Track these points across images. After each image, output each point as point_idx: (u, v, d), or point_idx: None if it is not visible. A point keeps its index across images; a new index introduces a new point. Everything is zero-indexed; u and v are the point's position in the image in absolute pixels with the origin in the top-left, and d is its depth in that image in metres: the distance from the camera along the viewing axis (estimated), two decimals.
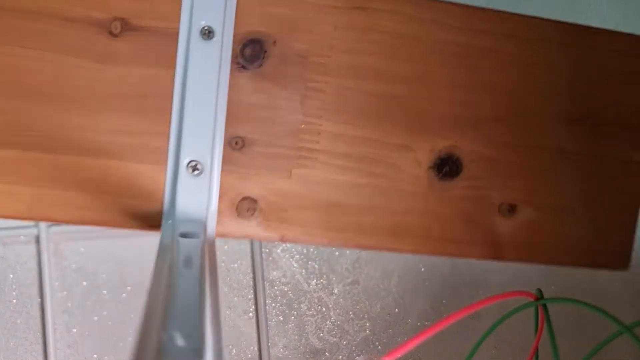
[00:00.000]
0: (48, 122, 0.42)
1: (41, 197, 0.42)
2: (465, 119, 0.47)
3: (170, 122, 0.43)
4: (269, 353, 1.02)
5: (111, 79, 0.42)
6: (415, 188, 0.48)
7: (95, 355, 0.98)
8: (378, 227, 0.47)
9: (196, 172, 0.42)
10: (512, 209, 0.49)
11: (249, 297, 1.03)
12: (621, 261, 0.53)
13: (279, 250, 1.04)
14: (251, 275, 1.02)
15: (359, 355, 1.08)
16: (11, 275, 0.96)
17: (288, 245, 1.04)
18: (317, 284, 1.05)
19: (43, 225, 0.93)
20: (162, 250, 0.39)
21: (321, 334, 1.06)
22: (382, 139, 0.47)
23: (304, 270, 1.04)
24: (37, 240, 0.95)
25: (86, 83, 0.42)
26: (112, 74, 0.42)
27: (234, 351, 1.03)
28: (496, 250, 0.50)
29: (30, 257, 0.96)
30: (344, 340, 1.07)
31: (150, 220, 0.44)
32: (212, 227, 0.43)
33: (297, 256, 1.04)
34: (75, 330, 0.97)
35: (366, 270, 1.06)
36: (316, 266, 1.05)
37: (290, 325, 1.05)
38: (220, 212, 0.44)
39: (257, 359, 1.03)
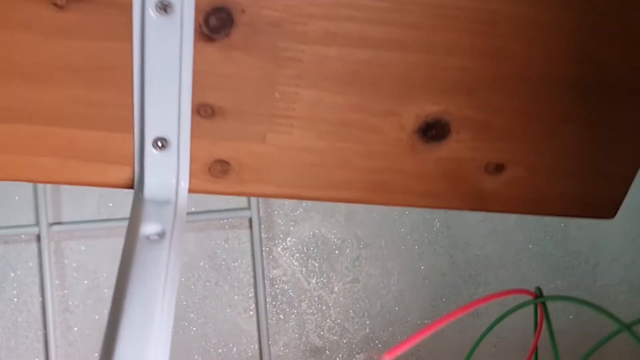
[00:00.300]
0: (12, 95, 0.41)
1: (12, 161, 0.42)
2: (461, 85, 0.45)
3: (132, 95, 0.41)
4: (269, 351, 1.02)
5: (63, 52, 0.40)
6: (396, 150, 0.46)
7: (96, 354, 0.98)
8: (354, 184, 0.47)
9: (162, 147, 0.41)
10: (499, 168, 0.48)
11: (250, 295, 1.03)
12: (608, 212, 0.53)
13: (279, 249, 1.04)
14: (251, 273, 1.02)
15: (359, 354, 1.08)
16: (12, 274, 0.96)
17: (289, 243, 1.04)
18: (317, 282, 1.05)
19: (44, 224, 0.93)
20: (132, 221, 0.39)
21: (321, 332, 1.06)
22: (366, 105, 0.45)
23: (304, 269, 1.05)
24: (38, 238, 0.95)
25: (37, 57, 0.40)
26: (63, 47, 0.40)
27: (235, 349, 1.03)
28: (480, 202, 0.49)
29: (31, 255, 0.96)
30: (344, 339, 1.07)
31: (123, 182, 0.43)
32: (183, 197, 0.42)
33: (298, 254, 1.04)
34: (75, 328, 0.98)
35: (366, 268, 1.06)
36: (316, 264, 1.05)
37: (290, 324, 1.05)
38: (193, 173, 0.43)
39: (257, 357, 1.04)
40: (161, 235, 0.38)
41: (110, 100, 0.41)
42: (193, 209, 1.00)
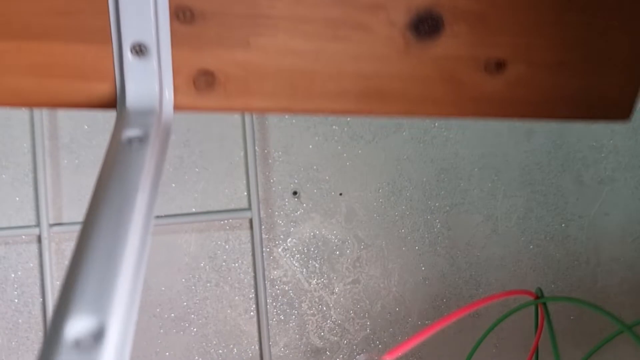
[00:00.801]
0: None
1: None
2: None
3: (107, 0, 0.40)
4: (270, 352, 1.02)
5: None
6: (390, 50, 0.43)
7: None
8: (347, 91, 0.44)
9: (141, 54, 0.40)
10: (500, 65, 0.45)
11: (250, 296, 1.03)
12: (622, 111, 0.48)
13: (279, 250, 1.04)
14: (252, 274, 1.02)
15: (359, 354, 1.08)
16: (13, 275, 0.96)
17: (289, 244, 1.04)
18: (317, 283, 1.05)
19: (44, 225, 0.93)
20: (114, 131, 0.38)
21: (322, 333, 1.06)
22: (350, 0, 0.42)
23: (304, 270, 1.05)
24: (39, 239, 0.95)
25: None
26: None
27: (235, 350, 1.03)
28: (482, 108, 0.46)
29: (32, 256, 0.96)
30: (345, 340, 1.07)
31: (105, 100, 0.41)
32: (168, 110, 0.41)
33: (298, 255, 1.04)
34: None
35: (366, 269, 1.06)
36: (317, 265, 1.05)
37: (291, 325, 1.05)
38: (177, 88, 0.42)
39: (258, 358, 1.04)
40: (142, 139, 0.37)
41: (86, 7, 0.40)
42: (193, 209, 1.00)
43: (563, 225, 1.12)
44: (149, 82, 0.40)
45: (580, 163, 1.12)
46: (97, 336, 0.25)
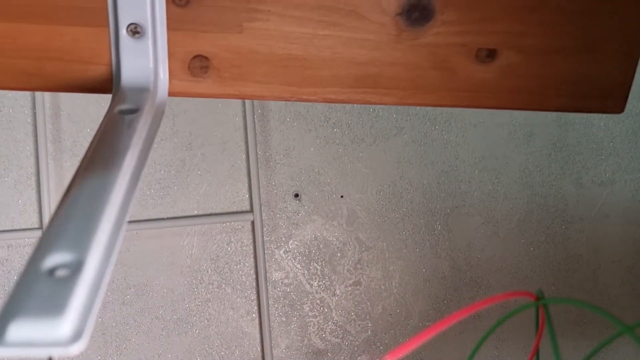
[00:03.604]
0: None
1: None
2: None
3: None
4: (271, 353, 1.03)
5: None
6: (382, 37, 0.44)
7: (99, 357, 0.99)
8: (341, 79, 0.44)
9: (137, 35, 0.40)
10: (491, 54, 0.45)
11: (252, 298, 1.03)
12: (616, 104, 0.48)
13: (281, 252, 1.04)
14: (254, 276, 1.03)
15: (361, 356, 1.08)
16: (15, 278, 0.97)
17: (291, 246, 1.04)
18: (319, 285, 1.05)
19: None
20: (109, 109, 0.38)
21: (323, 335, 1.06)
22: None
23: (306, 272, 1.05)
24: None
25: None
26: None
27: (237, 352, 1.04)
28: (474, 97, 0.46)
29: None
30: (346, 341, 1.07)
31: (101, 83, 0.42)
32: (162, 91, 0.42)
33: (300, 257, 1.05)
34: None
35: (368, 271, 1.07)
36: (318, 267, 1.05)
37: (292, 326, 1.05)
38: (171, 72, 0.42)
39: (260, 359, 1.04)
40: (135, 111, 0.38)
41: None
42: (196, 212, 1.00)
43: (563, 227, 1.12)
44: (144, 62, 0.41)
45: (580, 165, 1.12)
46: (74, 270, 0.26)
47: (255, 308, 1.03)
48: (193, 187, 1.01)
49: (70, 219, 0.29)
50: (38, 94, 0.94)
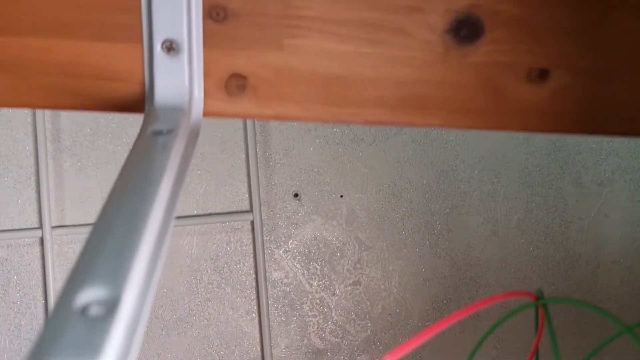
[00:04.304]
0: (8, 4, 0.38)
1: (13, 84, 0.39)
2: None
3: None
4: (271, 353, 1.03)
5: None
6: (428, 55, 0.42)
7: None
8: (385, 99, 0.42)
9: (172, 52, 0.39)
10: (543, 74, 0.43)
11: (252, 297, 1.03)
12: None
13: (281, 252, 1.04)
14: (254, 276, 1.03)
15: (360, 356, 1.08)
16: (15, 277, 0.97)
17: (290, 246, 1.04)
18: (318, 285, 1.05)
19: (47, 227, 0.94)
20: (142, 128, 0.37)
21: (323, 335, 1.07)
22: (387, 1, 0.41)
23: (305, 271, 1.05)
24: (41, 242, 0.95)
25: None
26: None
27: (237, 352, 1.04)
28: (525, 120, 0.44)
29: (34, 258, 0.96)
30: (346, 341, 1.07)
31: (132, 102, 0.40)
32: (197, 111, 0.40)
33: (299, 257, 1.05)
34: None
35: (367, 270, 1.07)
36: (318, 267, 1.05)
37: (292, 326, 1.05)
38: (207, 91, 0.41)
39: (259, 359, 1.04)
40: (170, 132, 0.36)
41: (115, 4, 0.39)
42: (195, 212, 1.00)
43: (563, 227, 1.12)
44: (179, 80, 0.39)
45: (580, 165, 1.12)
46: (110, 307, 0.24)
47: (255, 308, 1.03)
48: (193, 186, 1.00)
49: (103, 252, 0.26)
50: None
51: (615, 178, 1.13)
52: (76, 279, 0.25)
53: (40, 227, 0.95)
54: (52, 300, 0.95)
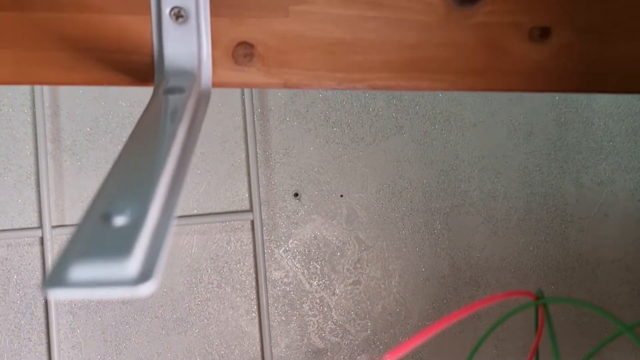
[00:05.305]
0: None
1: (23, 59, 0.40)
2: None
3: None
4: (271, 353, 1.03)
5: None
6: (431, 18, 0.42)
7: (99, 356, 0.99)
8: (390, 64, 0.43)
9: (180, 19, 0.39)
10: (544, 33, 0.43)
11: (252, 297, 1.03)
12: None
13: (281, 251, 1.04)
14: (254, 275, 1.03)
15: (360, 355, 1.08)
16: (15, 277, 0.97)
17: (290, 246, 1.04)
18: (318, 284, 1.05)
19: (47, 227, 0.94)
20: (152, 104, 0.37)
21: (323, 334, 1.07)
22: None
23: (305, 271, 1.05)
24: (41, 242, 0.95)
25: None
26: None
27: (237, 351, 1.04)
28: (528, 80, 0.44)
29: (34, 258, 0.96)
30: (346, 340, 1.07)
31: (141, 74, 0.41)
32: (206, 77, 0.41)
33: (299, 257, 1.05)
34: (79, 330, 0.98)
35: (367, 270, 1.07)
36: (318, 267, 1.05)
37: (292, 325, 1.05)
38: (215, 61, 0.41)
39: (259, 358, 1.04)
40: (180, 91, 0.37)
41: None
42: (195, 211, 1.00)
43: (563, 226, 1.12)
44: (187, 47, 0.40)
45: (580, 165, 1.12)
46: (135, 219, 0.24)
47: (255, 307, 1.03)
48: (192, 186, 1.00)
49: (126, 181, 0.27)
50: (37, 93, 0.94)
51: (615, 178, 1.13)
52: (103, 197, 0.26)
53: (40, 226, 0.95)
54: (52, 300, 0.95)
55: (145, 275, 0.22)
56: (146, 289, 0.22)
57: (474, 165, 1.08)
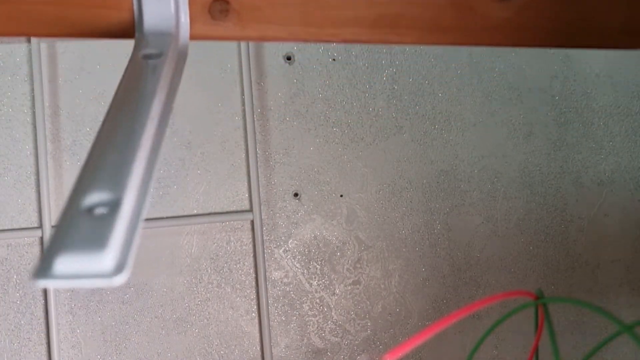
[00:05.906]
0: None
1: (12, 14, 0.41)
2: None
3: None
4: (271, 353, 1.03)
5: None
6: None
7: (99, 356, 0.99)
8: (361, 19, 0.44)
9: None
10: None
11: (252, 297, 1.03)
12: (631, 41, 0.46)
13: (281, 251, 1.04)
14: (253, 275, 1.03)
15: (360, 355, 1.08)
16: (15, 277, 0.97)
17: (290, 246, 1.04)
18: (318, 284, 1.05)
19: (47, 227, 0.94)
20: (131, 67, 0.39)
21: (323, 334, 1.07)
22: None
23: (305, 271, 1.05)
24: (41, 241, 0.95)
25: None
26: None
27: (236, 351, 1.04)
28: (492, 36, 0.46)
29: (34, 258, 0.96)
30: (346, 340, 1.07)
31: (123, 30, 0.42)
32: (184, 36, 0.43)
33: (299, 257, 1.05)
34: (78, 330, 0.98)
35: (367, 270, 1.07)
36: (318, 266, 1.05)
37: (292, 325, 1.05)
38: (193, 17, 0.43)
39: (259, 358, 1.04)
40: (159, 56, 0.39)
41: None
42: (195, 211, 1.00)
43: (562, 226, 1.12)
44: (165, 6, 0.42)
45: (580, 165, 1.12)
46: (113, 207, 0.27)
47: (255, 307, 1.03)
48: (192, 186, 1.00)
49: (104, 160, 0.29)
50: (37, 93, 0.94)
51: (615, 178, 1.13)
52: (82, 185, 0.28)
53: (40, 226, 0.95)
54: (52, 300, 0.95)
55: (119, 267, 0.25)
56: (118, 281, 0.25)
57: (474, 165, 1.08)
